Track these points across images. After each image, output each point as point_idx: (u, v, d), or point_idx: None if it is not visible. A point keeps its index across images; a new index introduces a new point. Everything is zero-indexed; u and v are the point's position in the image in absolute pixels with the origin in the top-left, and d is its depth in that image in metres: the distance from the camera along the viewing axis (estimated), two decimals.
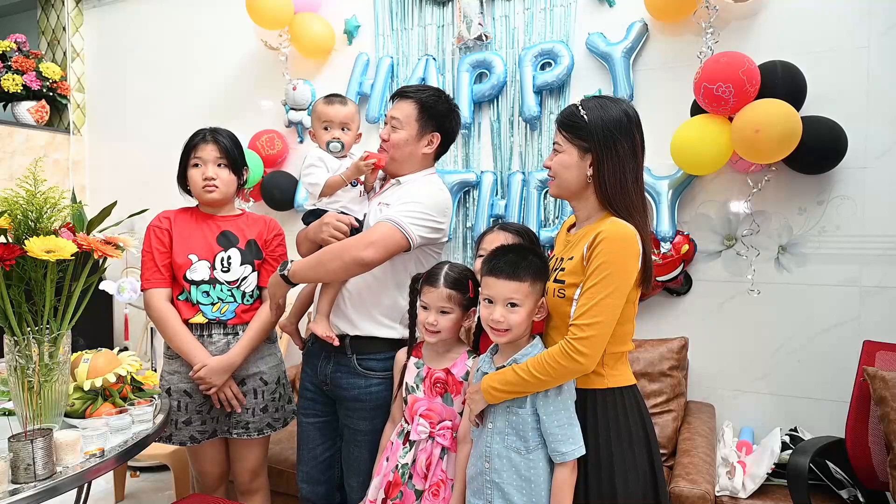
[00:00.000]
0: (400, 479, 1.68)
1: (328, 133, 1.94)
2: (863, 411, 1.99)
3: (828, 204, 2.31)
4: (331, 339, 1.81)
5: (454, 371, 1.70)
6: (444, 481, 1.66)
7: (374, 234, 1.72)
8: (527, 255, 1.50)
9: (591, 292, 1.39)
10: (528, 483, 1.45)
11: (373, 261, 1.71)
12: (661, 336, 2.49)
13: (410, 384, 1.73)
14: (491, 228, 1.85)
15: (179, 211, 2.07)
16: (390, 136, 1.85)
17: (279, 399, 2.07)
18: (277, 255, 2.09)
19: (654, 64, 2.55)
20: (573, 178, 1.51)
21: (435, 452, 1.67)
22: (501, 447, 1.48)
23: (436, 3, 2.92)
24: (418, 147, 1.85)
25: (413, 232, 1.73)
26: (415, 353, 1.77)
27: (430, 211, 1.77)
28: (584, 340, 1.38)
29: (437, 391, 1.70)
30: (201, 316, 1.97)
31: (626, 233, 1.42)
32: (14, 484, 1.33)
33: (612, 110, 1.48)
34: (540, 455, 1.46)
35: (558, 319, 1.50)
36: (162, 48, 3.72)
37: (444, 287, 1.66)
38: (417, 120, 1.83)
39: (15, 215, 1.54)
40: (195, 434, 2.00)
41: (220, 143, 2.00)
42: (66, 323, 1.62)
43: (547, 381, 1.42)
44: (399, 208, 1.76)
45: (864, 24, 2.24)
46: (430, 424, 1.68)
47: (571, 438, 1.43)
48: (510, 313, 1.47)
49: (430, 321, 1.66)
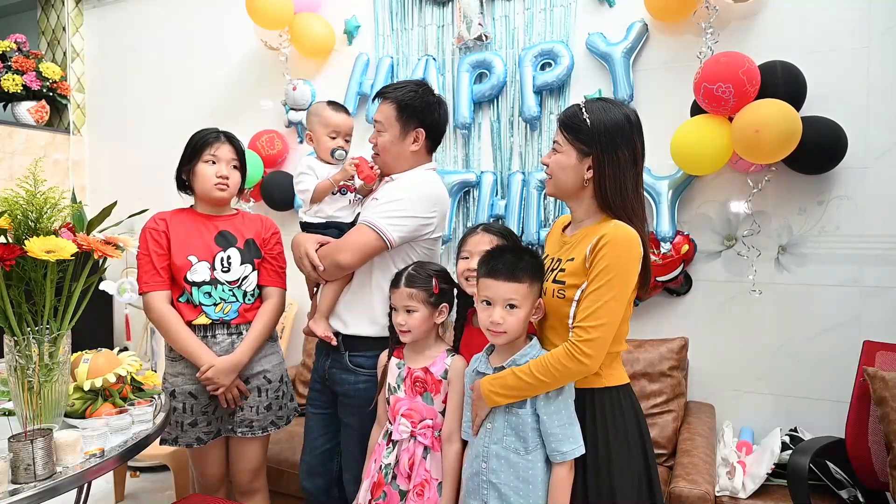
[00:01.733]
0: (383, 479, 1.69)
1: (334, 141, 1.97)
2: (863, 411, 1.99)
3: (828, 204, 2.31)
4: (329, 339, 1.87)
5: (433, 370, 1.71)
6: (429, 481, 1.67)
7: (351, 237, 1.79)
8: (523, 256, 1.50)
9: (596, 295, 1.40)
10: (526, 484, 1.45)
11: (349, 264, 1.79)
12: (661, 336, 2.49)
13: (392, 384, 1.75)
14: (475, 229, 1.82)
15: (175, 212, 2.06)
16: (377, 140, 1.88)
17: (282, 397, 2.09)
18: (275, 253, 2.11)
19: (653, 64, 2.55)
20: (570, 179, 1.51)
21: (417, 452, 1.68)
22: (500, 448, 1.48)
23: (436, 3, 2.92)
24: (404, 146, 1.86)
25: (390, 233, 1.75)
26: (396, 354, 1.78)
27: (411, 207, 1.78)
28: (590, 342, 1.39)
29: (417, 390, 1.71)
30: (204, 317, 1.96)
31: (630, 236, 1.42)
32: (14, 484, 1.32)
33: (614, 115, 1.47)
34: (539, 455, 1.46)
35: (555, 320, 1.51)
36: (162, 48, 3.72)
37: (404, 287, 1.70)
38: (398, 120, 1.84)
39: (15, 215, 1.54)
40: (201, 435, 2.00)
41: (235, 145, 2.04)
42: (66, 323, 1.62)
43: (550, 384, 1.42)
44: (379, 208, 1.78)
45: (864, 24, 2.24)
46: (412, 424, 1.69)
47: (571, 438, 1.43)
48: (509, 315, 1.46)
49: (399, 321, 1.70)
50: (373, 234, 1.75)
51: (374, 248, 1.77)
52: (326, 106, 1.99)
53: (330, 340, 1.87)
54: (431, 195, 1.83)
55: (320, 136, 1.97)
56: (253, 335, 1.99)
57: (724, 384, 2.50)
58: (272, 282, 2.08)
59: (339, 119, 1.98)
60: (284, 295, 2.11)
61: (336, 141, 1.97)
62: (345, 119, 1.99)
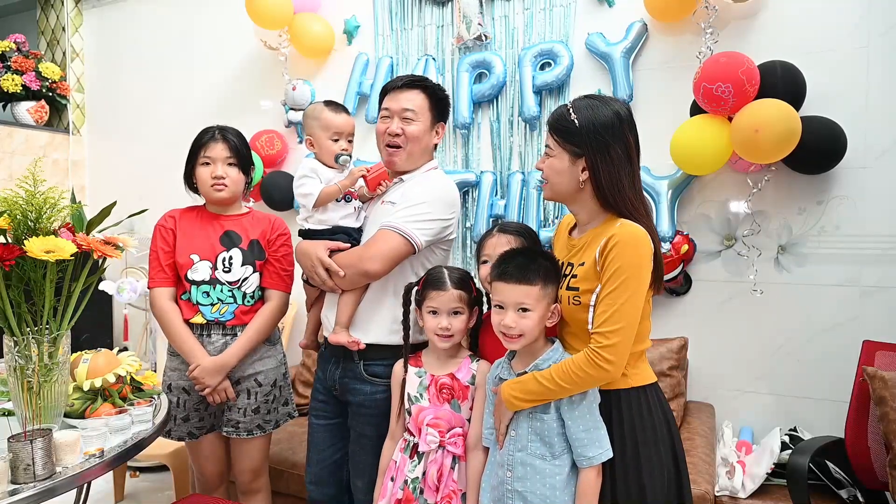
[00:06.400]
0: (412, 494, 1.62)
1: (337, 144, 1.88)
2: (862, 411, 1.99)
3: (827, 204, 2.31)
4: (355, 343, 1.78)
5: (459, 375, 1.66)
6: (456, 492, 1.60)
7: (377, 244, 1.71)
8: (536, 258, 1.47)
9: (611, 298, 1.36)
10: (553, 490, 1.41)
11: (378, 272, 1.71)
12: (661, 336, 2.48)
13: (413, 394, 1.68)
14: (490, 231, 1.77)
15: (185, 210, 2.07)
16: (405, 129, 1.78)
17: (273, 401, 2.06)
18: (281, 254, 2.07)
19: (653, 64, 2.55)
20: (565, 182, 1.48)
21: (446, 463, 1.62)
22: (525, 455, 1.44)
23: (435, 3, 2.92)
24: (430, 139, 1.83)
25: (417, 237, 1.71)
26: (413, 363, 1.72)
27: (435, 209, 1.74)
28: (610, 348, 1.35)
29: (445, 398, 1.65)
30: (200, 316, 1.97)
31: (638, 235, 1.39)
32: (13, 484, 1.32)
33: (603, 112, 1.43)
34: (566, 460, 1.42)
35: (574, 325, 1.47)
36: (161, 48, 3.72)
37: (452, 289, 1.64)
38: (430, 110, 1.81)
39: (14, 215, 1.53)
40: (193, 430, 2.01)
41: (230, 142, 1.99)
42: (65, 323, 1.61)
43: (572, 390, 1.39)
44: (402, 213, 1.72)
45: (864, 24, 2.24)
46: (440, 433, 1.62)
47: (598, 442, 1.40)
48: (521, 318, 1.43)
49: (444, 325, 1.63)
50: (400, 240, 1.70)
51: (403, 253, 1.71)
52: (325, 108, 1.89)
53: (357, 346, 1.77)
54: (451, 196, 1.80)
55: (322, 140, 1.87)
56: (244, 338, 1.97)
57: (723, 384, 2.50)
58: (274, 284, 2.05)
59: (341, 120, 1.88)
60: (287, 298, 2.08)
61: (339, 144, 1.87)
62: (346, 120, 1.89)
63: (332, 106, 1.91)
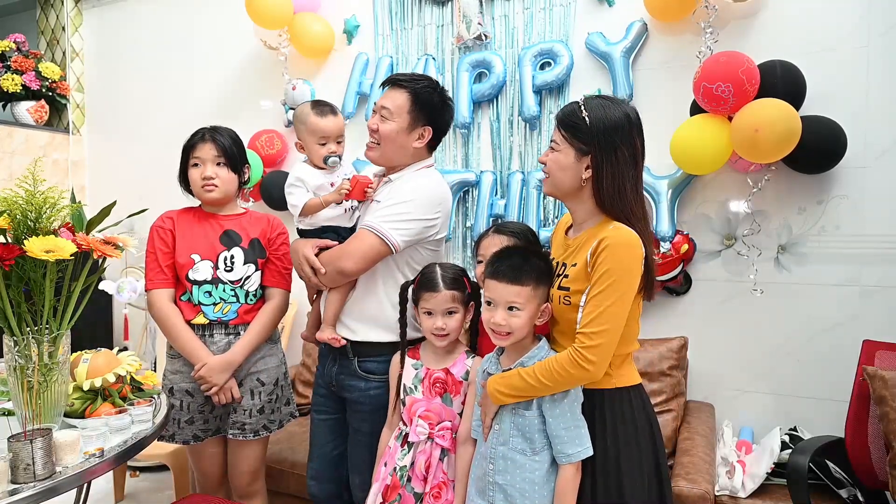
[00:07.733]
0: (398, 481, 1.67)
1: (325, 148, 1.88)
2: (862, 411, 1.99)
3: (827, 203, 2.31)
4: (336, 340, 1.82)
5: (454, 371, 1.69)
6: (446, 483, 1.65)
7: (354, 243, 1.74)
8: (530, 259, 1.48)
9: (597, 300, 1.38)
10: (532, 485, 1.45)
11: (353, 271, 1.75)
12: (661, 336, 2.48)
13: (409, 385, 1.72)
14: (487, 232, 1.80)
15: (182, 211, 2.06)
16: (379, 127, 1.78)
17: (276, 401, 2.06)
18: (281, 253, 2.07)
19: (653, 64, 2.55)
20: (567, 178, 1.48)
21: (434, 454, 1.66)
22: (506, 449, 1.48)
23: (435, 2, 2.92)
24: (409, 140, 1.80)
25: (393, 237, 1.71)
26: (411, 355, 1.75)
27: (416, 210, 1.74)
28: (593, 349, 1.37)
29: (437, 391, 1.69)
30: (202, 317, 1.96)
31: (630, 239, 1.40)
32: (13, 484, 1.32)
33: (614, 113, 1.44)
34: (545, 456, 1.45)
35: (564, 325, 1.49)
36: (161, 48, 3.72)
37: (445, 290, 1.66)
38: (409, 112, 1.77)
39: (14, 215, 1.53)
40: (198, 433, 2.00)
41: (219, 142, 1.98)
42: (65, 323, 1.61)
43: (553, 388, 1.41)
44: (382, 212, 1.74)
45: (864, 24, 2.24)
46: (430, 425, 1.67)
47: (577, 440, 1.42)
48: (511, 317, 1.45)
49: (439, 325, 1.66)
50: (376, 240, 1.71)
51: (379, 253, 1.73)
52: (311, 111, 1.87)
53: (337, 343, 1.81)
54: (435, 196, 1.79)
55: (310, 144, 1.88)
56: (249, 335, 1.98)
57: (723, 383, 2.50)
58: (275, 283, 2.06)
59: (326, 124, 1.86)
60: (287, 296, 2.09)
61: (327, 147, 1.88)
62: (333, 122, 1.88)
63: (319, 107, 1.90)
